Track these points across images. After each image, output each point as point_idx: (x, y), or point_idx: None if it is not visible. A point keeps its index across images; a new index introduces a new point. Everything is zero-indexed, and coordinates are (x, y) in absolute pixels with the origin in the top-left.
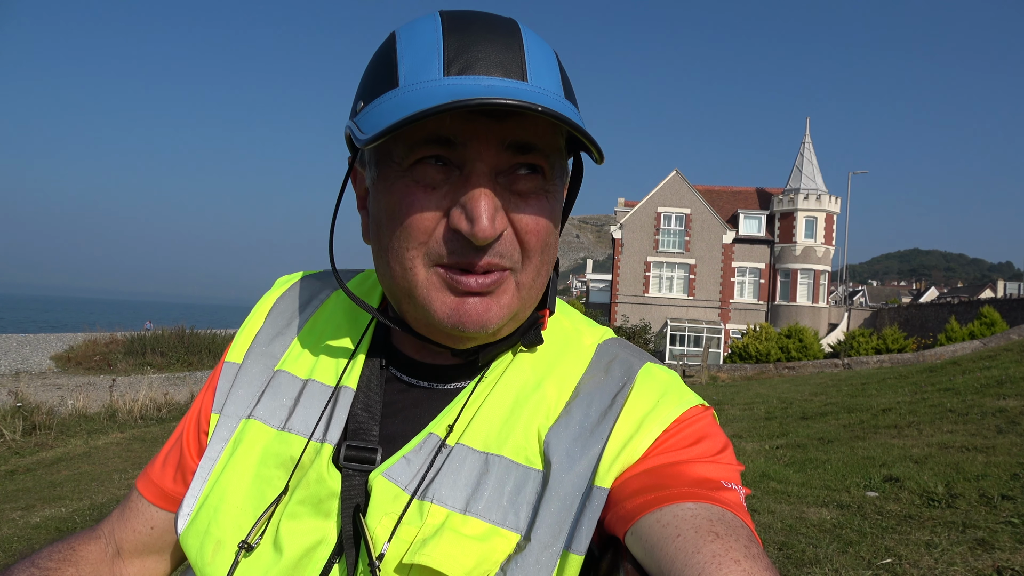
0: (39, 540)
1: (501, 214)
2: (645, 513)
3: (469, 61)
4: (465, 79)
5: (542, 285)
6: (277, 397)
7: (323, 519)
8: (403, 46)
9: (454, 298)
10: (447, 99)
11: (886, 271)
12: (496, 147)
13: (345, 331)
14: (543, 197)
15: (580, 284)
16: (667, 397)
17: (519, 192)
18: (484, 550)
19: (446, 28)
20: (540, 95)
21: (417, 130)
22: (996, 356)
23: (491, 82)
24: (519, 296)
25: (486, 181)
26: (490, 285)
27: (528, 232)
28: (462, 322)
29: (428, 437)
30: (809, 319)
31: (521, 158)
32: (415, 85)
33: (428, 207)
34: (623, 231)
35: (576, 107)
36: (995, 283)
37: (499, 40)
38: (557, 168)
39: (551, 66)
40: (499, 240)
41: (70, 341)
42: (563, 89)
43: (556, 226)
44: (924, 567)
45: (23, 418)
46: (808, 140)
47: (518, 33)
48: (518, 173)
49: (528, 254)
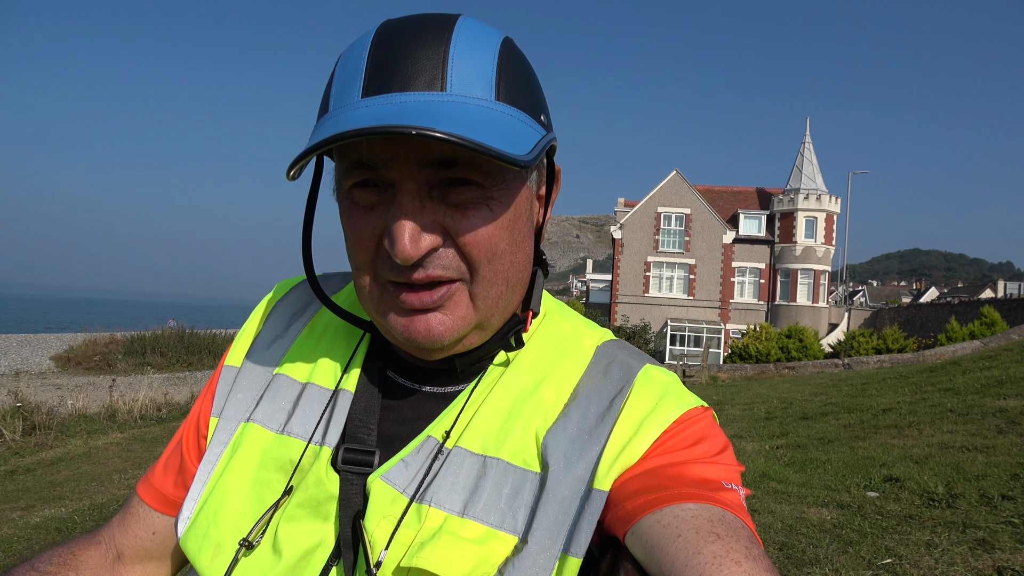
0: (39, 540)
1: (430, 233)
2: (645, 514)
3: (385, 78)
4: (378, 99)
5: (502, 292)
6: (276, 400)
7: (322, 522)
8: (338, 68)
9: (404, 315)
10: (359, 124)
11: (886, 271)
12: (418, 165)
13: (344, 334)
14: (484, 205)
15: (580, 284)
16: (666, 399)
17: (456, 204)
18: (482, 553)
19: (375, 44)
20: (456, 105)
21: (348, 153)
22: (996, 356)
23: (404, 98)
24: (475, 307)
25: (411, 200)
26: (438, 300)
27: (469, 244)
28: (413, 338)
29: (426, 440)
30: (809, 319)
31: (447, 173)
32: (338, 110)
33: (366, 229)
34: (623, 231)
35: (521, 103)
36: (995, 283)
37: (422, 48)
38: (500, 173)
39: (484, 67)
40: (436, 254)
41: (70, 341)
42: (495, 90)
43: (510, 230)
44: (924, 567)
45: (23, 418)
46: (808, 140)
47: (447, 35)
48: (452, 186)
49: (475, 265)
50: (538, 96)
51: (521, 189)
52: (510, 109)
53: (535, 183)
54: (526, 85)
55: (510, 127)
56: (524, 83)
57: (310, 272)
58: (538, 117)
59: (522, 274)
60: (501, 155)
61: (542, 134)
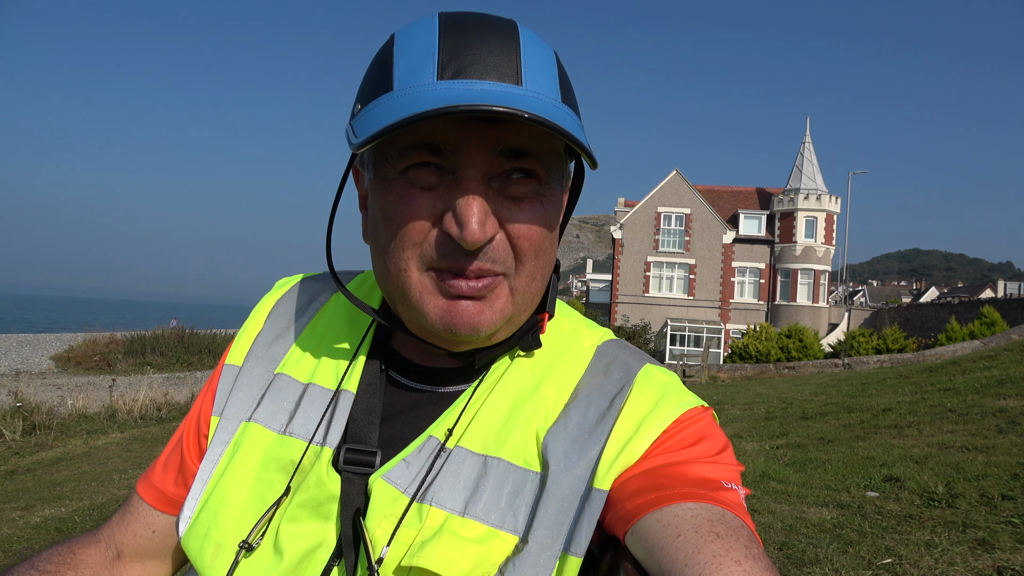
0: (39, 540)
1: (492, 219)
2: (645, 513)
3: (463, 65)
4: (458, 83)
5: (538, 289)
6: (278, 401)
7: (323, 522)
8: (400, 49)
9: (446, 301)
10: (439, 104)
11: (886, 271)
12: (488, 152)
13: (345, 334)
14: (538, 202)
15: (580, 284)
16: (666, 398)
17: (513, 197)
18: (482, 552)
19: (443, 31)
20: (533, 99)
21: (410, 134)
22: (996, 356)
23: (484, 86)
24: (513, 301)
25: (477, 186)
26: (482, 290)
27: (521, 237)
28: (453, 324)
29: (427, 440)
30: (809, 319)
31: (515, 163)
32: (408, 89)
33: (422, 210)
34: (623, 231)
35: (575, 110)
36: (995, 283)
37: (495, 43)
38: (554, 172)
39: (548, 69)
40: (491, 245)
41: (70, 341)
42: (560, 92)
43: (552, 230)
44: (924, 567)
45: (23, 418)
46: (808, 140)
47: (515, 35)
48: (512, 178)
49: (521, 259)
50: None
51: (563, 191)
52: (571, 112)
53: (566, 184)
54: (575, 94)
55: (576, 128)
56: (574, 91)
57: (330, 261)
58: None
59: (549, 272)
60: (589, 150)
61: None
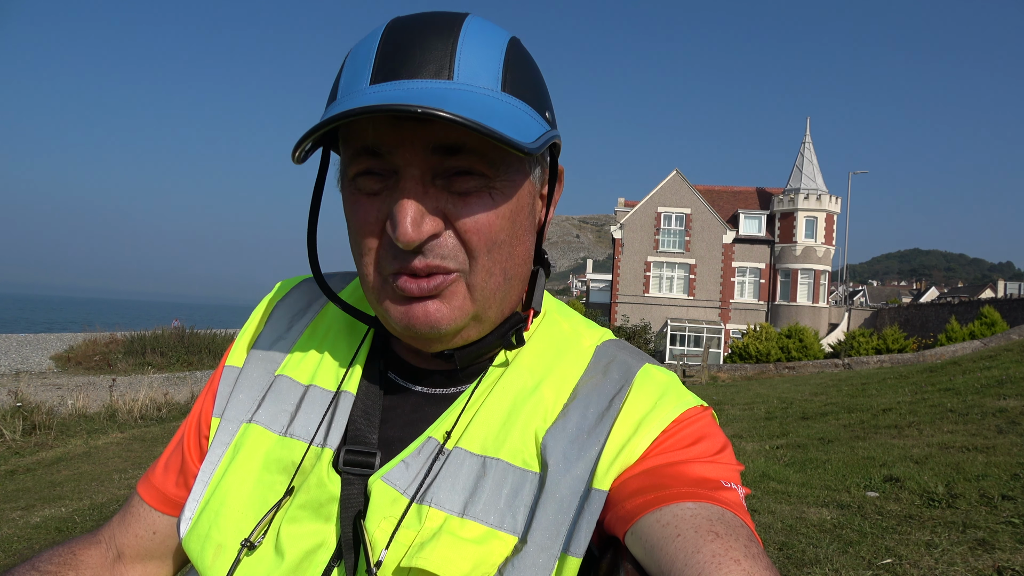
0: (39, 540)
1: (432, 218)
2: (645, 513)
3: (395, 66)
4: (387, 85)
5: (500, 285)
6: (278, 402)
7: (323, 523)
8: (348, 59)
9: (403, 302)
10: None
11: (886, 271)
12: (423, 151)
13: (345, 336)
14: (486, 195)
15: (580, 284)
16: (665, 398)
17: (459, 192)
18: (481, 553)
19: (385, 35)
20: (462, 93)
21: (354, 141)
22: (996, 356)
23: (411, 85)
24: (472, 298)
25: (414, 186)
26: (434, 288)
27: (468, 232)
28: (412, 325)
29: (427, 441)
30: (809, 319)
31: (452, 160)
32: (346, 96)
33: (369, 215)
34: (623, 231)
35: (526, 97)
36: (995, 283)
37: (432, 39)
38: (503, 164)
39: (490, 59)
40: (437, 242)
41: (70, 341)
42: (501, 82)
43: (511, 223)
44: (924, 567)
45: (23, 418)
46: (808, 140)
47: (457, 29)
48: (456, 174)
49: (474, 254)
50: (544, 94)
51: (524, 182)
52: (515, 100)
53: (538, 180)
54: (532, 81)
55: (515, 117)
56: (530, 79)
57: (315, 267)
58: (543, 113)
59: (521, 269)
60: (505, 138)
61: (546, 129)
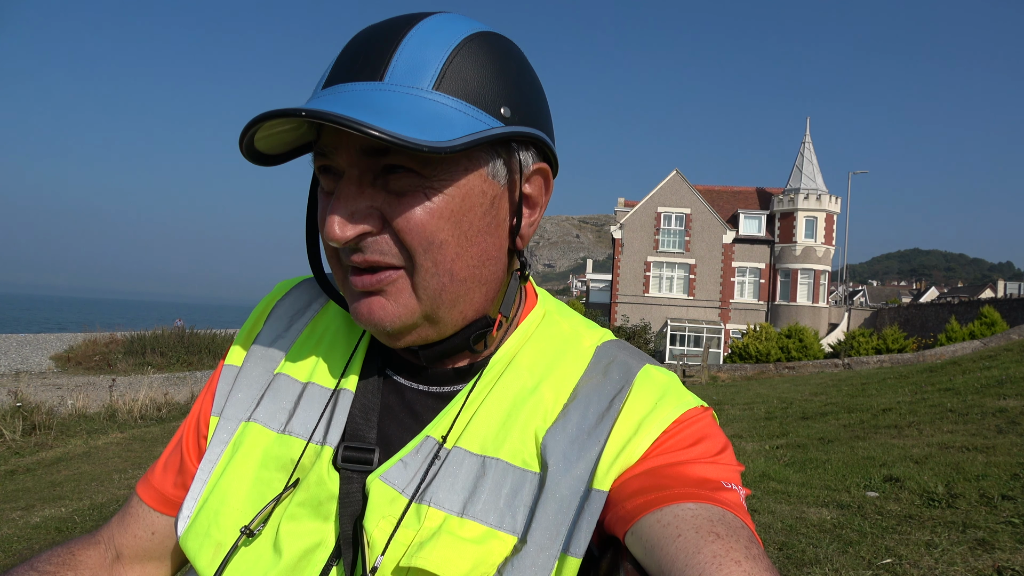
0: (39, 540)
1: (362, 217)
2: (645, 513)
3: (340, 70)
4: (328, 90)
5: (446, 285)
6: (277, 400)
7: (322, 522)
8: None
9: (355, 299)
10: None
11: (886, 271)
12: (356, 153)
13: (344, 334)
14: (421, 194)
15: (580, 284)
16: (666, 399)
17: (395, 191)
18: (481, 553)
19: (351, 39)
20: (386, 93)
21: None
22: (996, 356)
23: (344, 88)
24: (418, 297)
25: (348, 186)
26: (377, 284)
27: (402, 231)
28: (359, 320)
29: (425, 440)
30: (809, 319)
31: (383, 160)
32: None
33: (325, 214)
34: (623, 231)
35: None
36: (995, 283)
37: (378, 42)
38: (440, 163)
39: (430, 58)
40: (374, 239)
41: (70, 341)
42: (436, 81)
43: (452, 223)
44: (924, 567)
45: (23, 418)
46: (808, 140)
47: (407, 29)
48: (391, 174)
49: (411, 253)
50: (503, 89)
51: (471, 181)
52: (445, 98)
53: (503, 178)
54: (483, 76)
55: (437, 115)
56: (481, 74)
57: (315, 266)
58: (493, 110)
59: (479, 271)
60: (395, 138)
61: (488, 125)
